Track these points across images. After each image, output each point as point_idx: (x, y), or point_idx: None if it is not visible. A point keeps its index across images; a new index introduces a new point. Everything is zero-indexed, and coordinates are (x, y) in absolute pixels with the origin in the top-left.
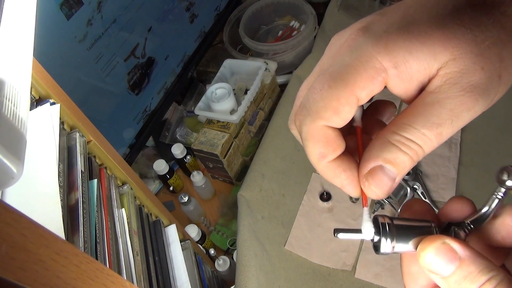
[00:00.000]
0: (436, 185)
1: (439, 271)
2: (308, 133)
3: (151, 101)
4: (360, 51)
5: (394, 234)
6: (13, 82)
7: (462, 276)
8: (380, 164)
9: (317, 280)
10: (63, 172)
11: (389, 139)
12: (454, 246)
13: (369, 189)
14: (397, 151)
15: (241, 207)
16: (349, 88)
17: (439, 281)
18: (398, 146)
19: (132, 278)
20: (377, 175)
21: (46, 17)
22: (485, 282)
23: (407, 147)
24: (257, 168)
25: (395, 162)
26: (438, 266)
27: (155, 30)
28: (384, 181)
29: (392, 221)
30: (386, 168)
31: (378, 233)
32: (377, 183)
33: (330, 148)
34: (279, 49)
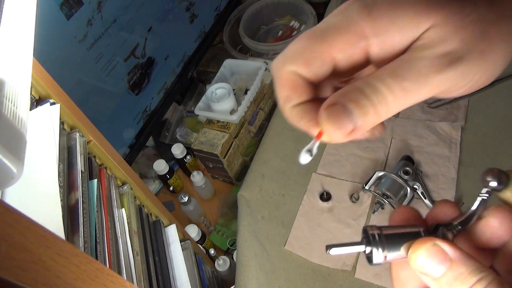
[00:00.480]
0: (436, 185)
1: (430, 272)
2: (277, 76)
3: (151, 101)
4: (346, 15)
5: (385, 244)
6: (13, 82)
7: (453, 277)
8: (342, 102)
9: (317, 280)
10: (63, 172)
11: (356, 85)
12: (445, 247)
13: (326, 122)
14: (362, 94)
15: (241, 207)
16: (325, 45)
17: (430, 282)
18: (363, 91)
19: (132, 278)
20: (336, 110)
21: (46, 17)
22: (475, 283)
23: (372, 93)
24: (257, 168)
25: (358, 103)
26: (430, 267)
27: (155, 30)
28: (343, 119)
29: (382, 231)
30: (346, 106)
31: (369, 244)
32: (335, 118)
33: (296, 93)
34: (279, 49)
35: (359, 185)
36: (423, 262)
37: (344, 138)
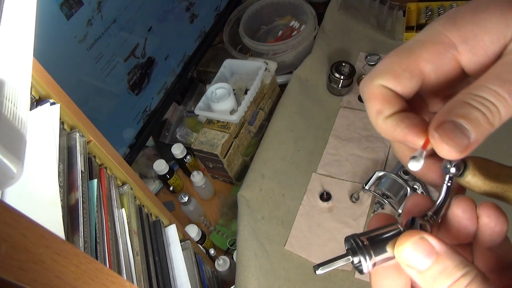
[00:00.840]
0: None
1: (416, 265)
2: (367, 92)
3: (151, 101)
4: (430, 30)
5: (370, 249)
6: (13, 82)
7: (438, 271)
8: (451, 119)
9: (317, 280)
10: (63, 172)
11: (460, 98)
12: (431, 241)
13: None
14: (470, 107)
15: (241, 207)
16: (413, 58)
17: (415, 276)
18: (470, 103)
19: (132, 278)
20: (449, 128)
21: (46, 17)
22: (460, 277)
23: (480, 103)
24: (257, 168)
25: (468, 117)
26: (415, 260)
27: (155, 30)
28: (458, 135)
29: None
30: (458, 123)
31: (355, 253)
32: (449, 136)
33: (387, 105)
34: (279, 49)
35: (359, 185)
36: (410, 255)
37: (460, 155)
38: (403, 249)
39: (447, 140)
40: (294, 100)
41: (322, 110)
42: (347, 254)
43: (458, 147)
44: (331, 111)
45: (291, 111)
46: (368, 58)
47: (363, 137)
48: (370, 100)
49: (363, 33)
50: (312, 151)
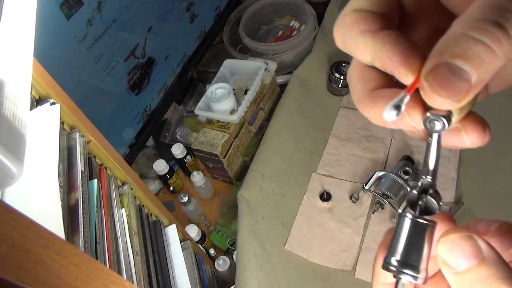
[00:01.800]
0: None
1: (454, 264)
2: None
3: (151, 101)
4: None
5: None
6: (13, 82)
7: (478, 277)
8: (445, 61)
9: (317, 280)
10: (63, 172)
11: (456, 30)
12: (480, 243)
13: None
14: (468, 40)
15: (241, 207)
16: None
17: (450, 277)
18: (470, 35)
19: (132, 278)
20: (441, 73)
21: (46, 17)
22: None
23: (481, 31)
24: (257, 168)
25: (466, 55)
26: (455, 259)
27: (155, 30)
28: (453, 81)
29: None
30: (453, 65)
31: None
32: (442, 84)
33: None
34: (279, 49)
35: (359, 185)
36: (451, 249)
37: (459, 104)
38: (446, 242)
39: (438, 89)
40: (294, 100)
41: (322, 110)
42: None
43: (455, 96)
44: (331, 111)
45: (291, 111)
46: None
47: (363, 137)
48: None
49: None
50: (312, 151)
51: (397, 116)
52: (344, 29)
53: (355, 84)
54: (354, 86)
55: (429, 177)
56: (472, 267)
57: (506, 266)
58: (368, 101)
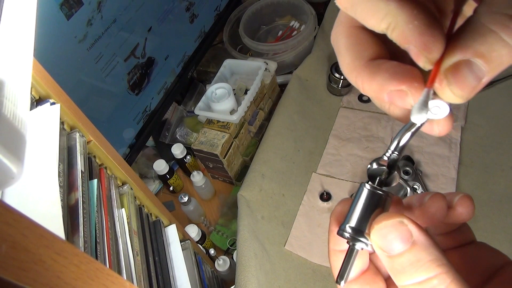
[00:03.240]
0: (436, 185)
1: (387, 248)
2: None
3: (151, 101)
4: None
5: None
6: (13, 82)
7: (409, 261)
8: (468, 58)
9: (317, 280)
10: (63, 172)
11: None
12: (411, 227)
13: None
14: (496, 41)
15: (241, 207)
16: None
17: (385, 260)
18: (497, 33)
19: (132, 278)
20: (461, 71)
21: (46, 17)
22: (433, 276)
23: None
24: (257, 168)
25: (489, 57)
26: (388, 243)
27: (155, 30)
28: (469, 80)
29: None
30: (474, 64)
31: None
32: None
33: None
34: (279, 49)
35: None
36: (383, 236)
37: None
38: (378, 229)
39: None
40: (294, 100)
41: (322, 110)
42: (350, 248)
43: (469, 94)
44: (331, 111)
45: (291, 111)
46: None
47: (363, 137)
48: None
49: None
50: (312, 151)
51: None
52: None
53: (346, 49)
54: (344, 51)
55: (396, 153)
56: (403, 251)
57: (434, 249)
58: (366, 72)
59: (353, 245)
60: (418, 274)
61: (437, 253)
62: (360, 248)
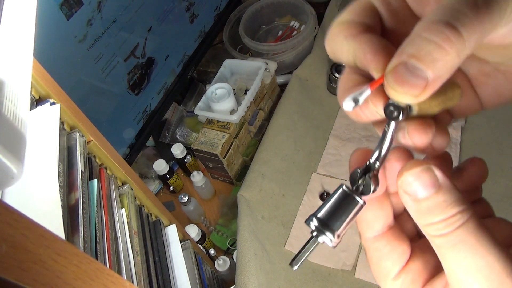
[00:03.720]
0: None
1: (415, 193)
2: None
3: (151, 101)
4: None
5: (330, 224)
6: (13, 82)
7: (436, 203)
8: (402, 60)
9: (317, 280)
10: (63, 172)
11: (411, 34)
12: (437, 173)
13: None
14: (420, 41)
15: (241, 207)
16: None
17: (410, 204)
18: (423, 36)
19: (132, 278)
20: (400, 71)
21: (46, 17)
22: (455, 213)
23: (434, 31)
24: (257, 168)
25: (419, 54)
26: (416, 188)
27: (155, 30)
28: (408, 78)
29: (318, 215)
30: (409, 64)
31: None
32: (401, 80)
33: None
34: (279, 49)
35: None
36: (413, 181)
37: (420, 98)
38: (409, 174)
39: (395, 86)
40: (294, 100)
41: (322, 110)
42: (312, 238)
43: (413, 91)
44: (331, 111)
45: (291, 111)
46: None
47: (363, 137)
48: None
49: None
50: (312, 151)
51: (353, 108)
52: (331, 38)
53: (338, 86)
54: (338, 88)
55: (378, 163)
56: (430, 195)
57: (457, 191)
58: (341, 96)
59: (316, 237)
60: (443, 214)
61: (459, 194)
62: (322, 241)
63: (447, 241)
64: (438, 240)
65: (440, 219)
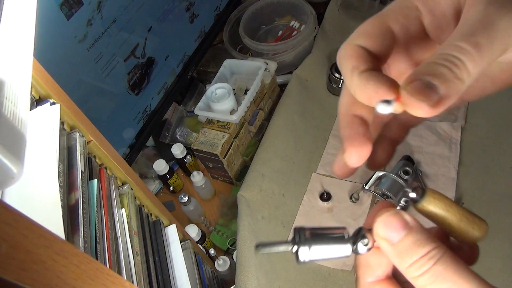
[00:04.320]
0: (436, 185)
1: (389, 237)
2: (344, 53)
3: (151, 101)
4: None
5: (311, 242)
6: (13, 82)
7: (411, 242)
8: (419, 77)
9: (317, 280)
10: (63, 172)
11: (427, 60)
12: (405, 216)
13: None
14: (435, 65)
15: (241, 207)
16: (381, 18)
17: (388, 249)
18: (436, 62)
19: (132, 278)
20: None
21: (46, 17)
22: (430, 250)
23: (445, 60)
24: (257, 168)
25: (434, 73)
26: (390, 232)
27: (155, 30)
28: (426, 90)
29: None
30: (425, 80)
31: (297, 242)
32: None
33: (362, 61)
34: (279, 49)
35: (359, 185)
36: (385, 227)
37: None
38: (382, 219)
39: (416, 95)
40: (294, 100)
41: (322, 110)
42: (289, 242)
43: (429, 101)
44: (331, 111)
45: (291, 111)
46: None
47: None
48: (346, 58)
49: None
50: (312, 151)
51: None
52: (342, 57)
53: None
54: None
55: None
56: (402, 237)
57: (426, 231)
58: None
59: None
60: (420, 251)
61: (428, 233)
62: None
63: (428, 277)
64: (420, 280)
65: (417, 258)
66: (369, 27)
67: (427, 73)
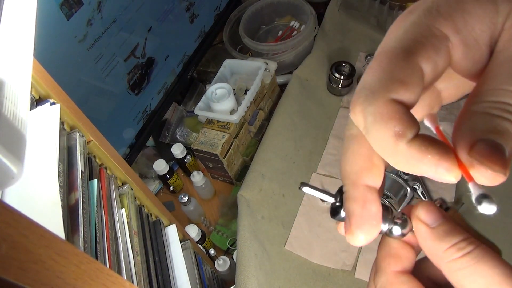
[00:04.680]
0: (436, 185)
1: (430, 221)
2: (377, 112)
3: (151, 101)
4: (417, 24)
5: None
6: (13, 82)
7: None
8: (481, 137)
9: (317, 280)
10: (63, 172)
11: (477, 110)
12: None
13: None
14: (494, 118)
15: (241, 207)
16: (412, 57)
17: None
18: (493, 114)
19: (132, 278)
20: (483, 149)
21: (46, 17)
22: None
23: (503, 111)
24: (257, 168)
25: (497, 130)
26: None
27: (155, 30)
28: (495, 154)
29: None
30: (490, 141)
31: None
32: (489, 158)
33: (407, 124)
34: (279, 49)
35: None
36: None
37: (505, 177)
38: (421, 207)
39: (489, 164)
40: (294, 100)
41: (322, 110)
42: (333, 195)
43: (503, 169)
44: (331, 111)
45: (291, 111)
46: (368, 58)
47: None
48: (382, 120)
49: (363, 33)
50: (312, 151)
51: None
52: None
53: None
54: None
55: None
56: (442, 222)
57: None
58: None
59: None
60: (459, 236)
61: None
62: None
63: (468, 259)
64: (459, 262)
65: (458, 240)
66: (400, 71)
67: (488, 130)
